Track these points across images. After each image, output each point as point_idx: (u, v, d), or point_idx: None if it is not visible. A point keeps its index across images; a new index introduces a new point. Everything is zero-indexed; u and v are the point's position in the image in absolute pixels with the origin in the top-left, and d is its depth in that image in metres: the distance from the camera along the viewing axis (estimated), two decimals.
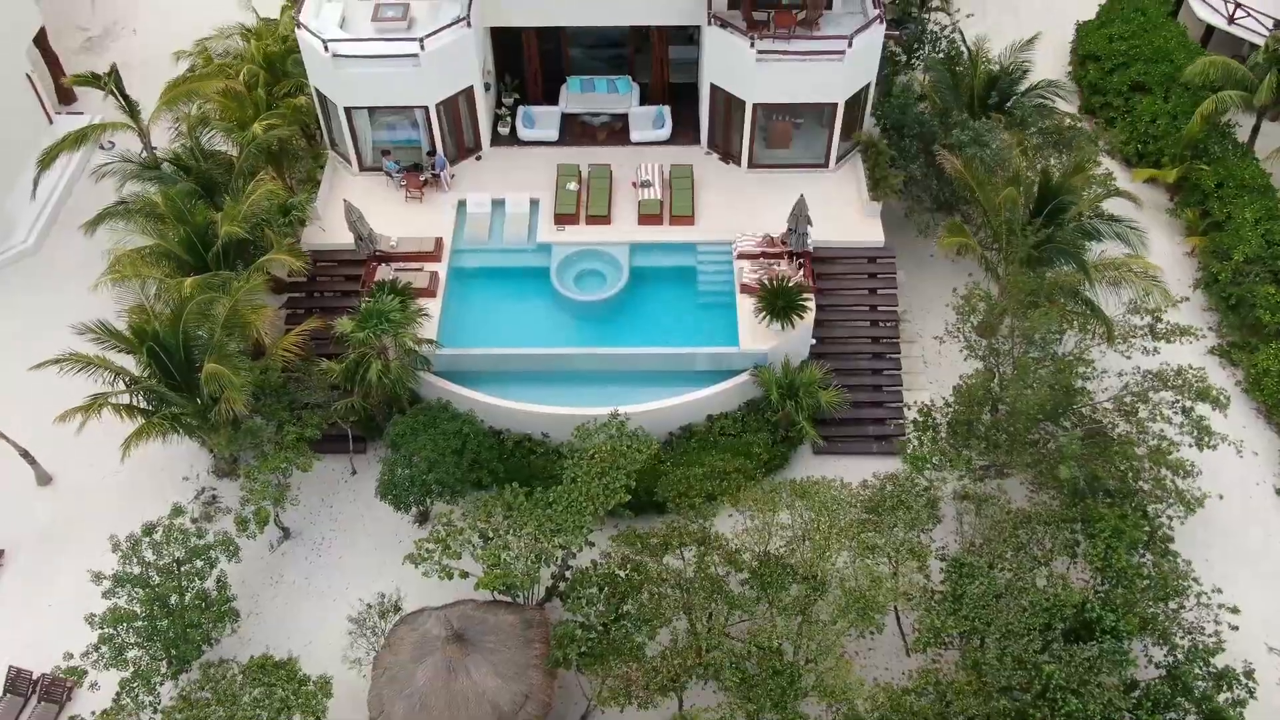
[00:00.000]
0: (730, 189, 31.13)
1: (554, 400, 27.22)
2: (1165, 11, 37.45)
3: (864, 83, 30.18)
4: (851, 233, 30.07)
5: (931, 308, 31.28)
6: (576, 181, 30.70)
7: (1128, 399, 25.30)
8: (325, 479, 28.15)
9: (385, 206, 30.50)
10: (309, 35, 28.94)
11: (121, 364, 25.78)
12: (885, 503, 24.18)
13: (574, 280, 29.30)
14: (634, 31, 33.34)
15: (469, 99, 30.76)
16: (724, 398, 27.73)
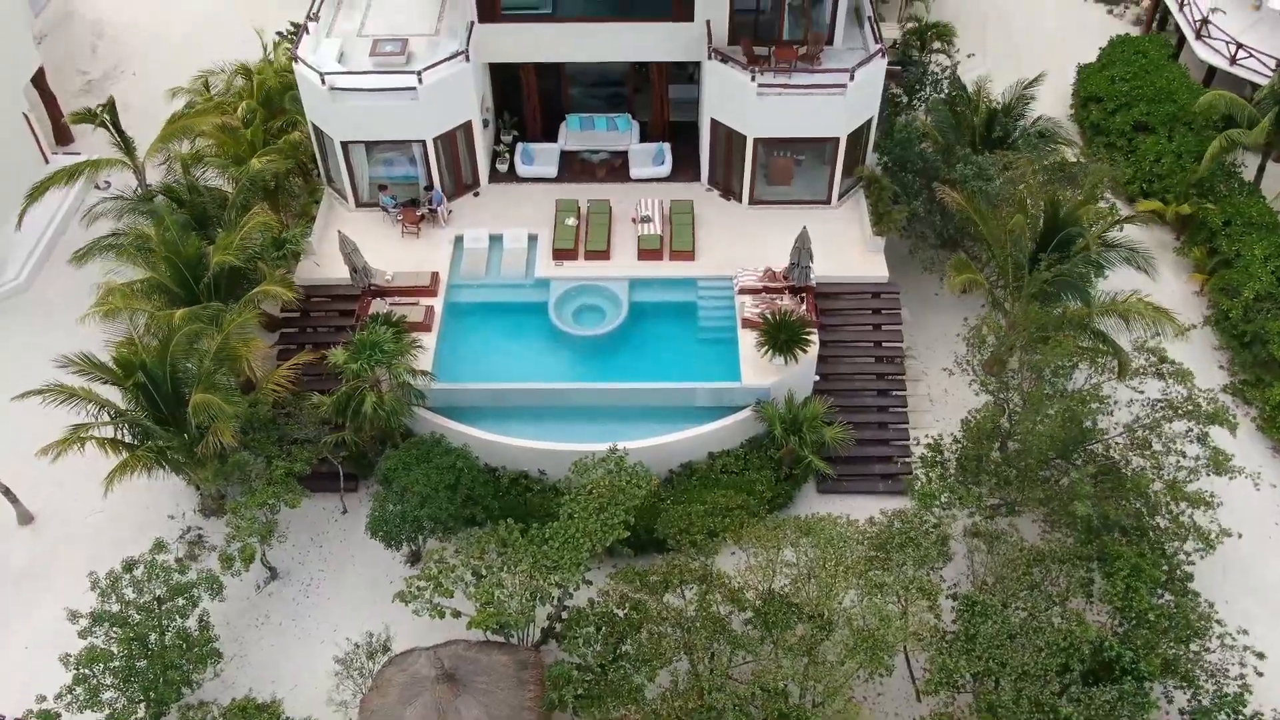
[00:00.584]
0: (731, 225, 30.72)
1: (551, 437, 26.50)
2: (1166, 54, 37.38)
3: (866, 118, 29.91)
4: (855, 268, 29.60)
5: (937, 345, 30.70)
6: (575, 217, 30.30)
7: (1140, 432, 24.58)
8: (315, 518, 27.32)
9: (381, 242, 30.05)
10: (306, 69, 28.72)
11: (107, 397, 25.10)
12: (893, 539, 23.36)
13: (572, 316, 28.73)
14: (634, 70, 33.25)
15: (467, 134, 30.47)
16: (725, 434, 27.00)
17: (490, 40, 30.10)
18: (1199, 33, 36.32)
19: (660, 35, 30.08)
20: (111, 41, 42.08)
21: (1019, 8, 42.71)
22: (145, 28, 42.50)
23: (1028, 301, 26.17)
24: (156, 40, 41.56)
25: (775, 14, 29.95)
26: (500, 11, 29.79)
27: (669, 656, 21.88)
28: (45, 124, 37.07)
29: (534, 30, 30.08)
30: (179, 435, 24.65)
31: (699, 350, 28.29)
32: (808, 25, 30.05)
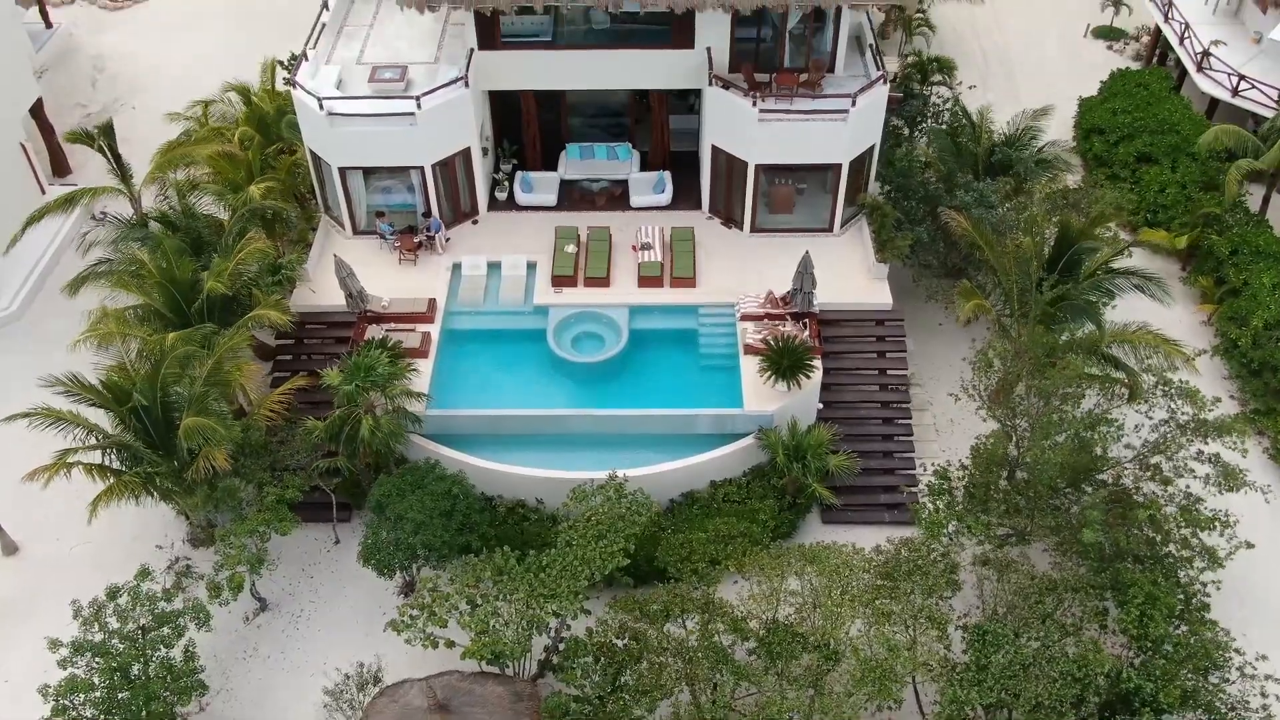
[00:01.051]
0: (733, 252, 30.37)
1: (549, 465, 25.91)
2: (1168, 87, 37.34)
3: (868, 144, 29.67)
4: (858, 295, 29.19)
5: (942, 376, 30.20)
6: (575, 244, 29.95)
7: (1151, 457, 23.99)
8: (306, 548, 26.65)
9: (378, 269, 29.68)
10: (304, 95, 28.53)
11: (95, 422, 24.54)
12: (901, 567, 22.70)
13: (571, 343, 28.27)
14: (634, 101, 33.12)
15: (466, 161, 30.23)
16: (728, 462, 26.41)
17: (490, 68, 29.94)
18: (1200, 65, 36.29)
19: (661, 63, 29.91)
20: (112, 77, 42.09)
21: (1018, 44, 42.80)
22: (146, 63, 42.54)
23: (1034, 324, 25.70)
24: (157, 74, 41.56)
25: (776, 42, 29.83)
26: (500, 39, 29.65)
27: (670, 688, 21.15)
28: (43, 156, 36.90)
29: (534, 58, 29.93)
30: (168, 460, 24.07)
31: (700, 377, 27.80)
32: (809, 53, 29.92)
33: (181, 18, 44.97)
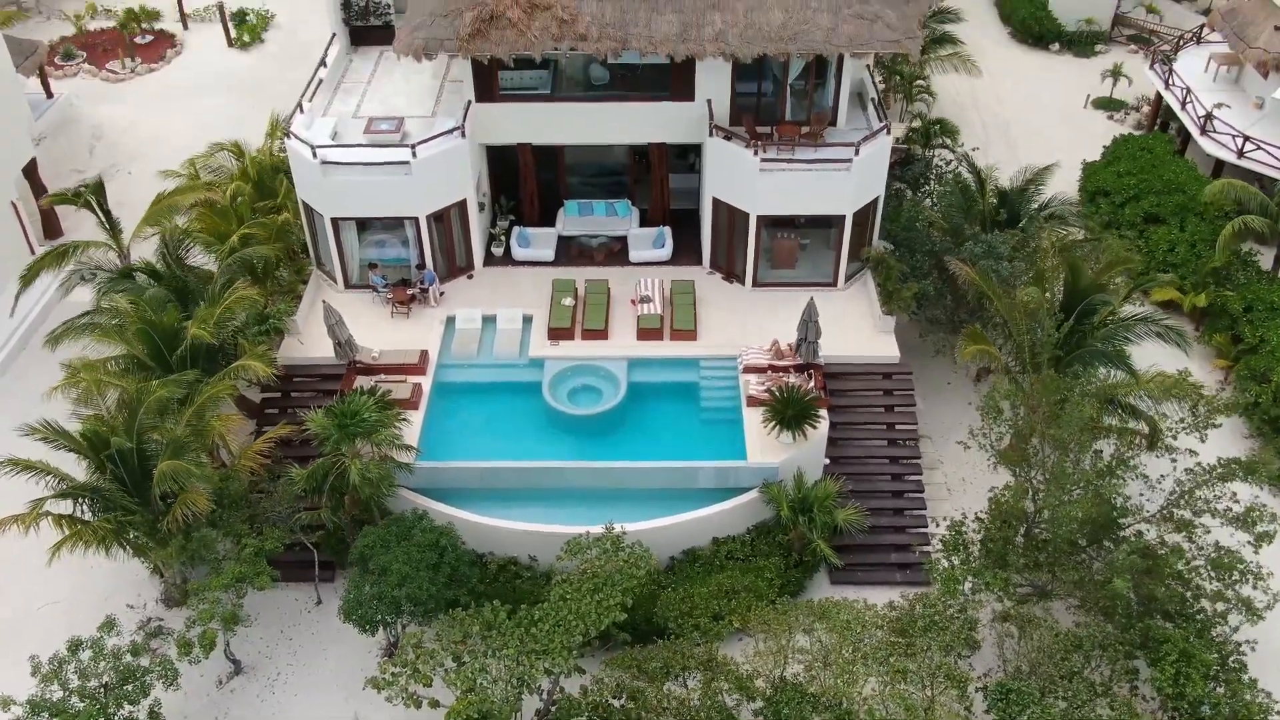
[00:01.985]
0: (734, 305, 29.58)
1: (543, 520, 24.67)
2: (1171, 150, 37.09)
3: (872, 196, 29.10)
4: (864, 348, 28.28)
5: (952, 434, 29.10)
6: (572, 297, 29.15)
7: (1177, 507, 22.78)
8: (286, 609, 25.26)
9: (370, 323, 28.80)
10: (298, 143, 28.07)
11: (69, 473, 23.40)
12: (916, 624, 21.32)
13: (568, 396, 27.26)
14: (633, 160, 32.68)
15: (462, 214, 29.64)
16: (730, 517, 25.16)
17: (488, 121, 29.57)
18: (1204, 128, 36.03)
19: (661, 116, 29.55)
20: (110, 145, 41.91)
21: (1018, 115, 42.72)
22: (146, 132, 42.40)
23: (1046, 368, 24.68)
24: (156, 143, 41.34)
25: (777, 96, 29.52)
26: (498, 91, 29.33)
27: None
28: (35, 217, 36.38)
29: (532, 111, 29.58)
30: (143, 509, 22.86)
31: (702, 431, 26.72)
32: (810, 107, 29.59)
33: (184, 90, 45.04)
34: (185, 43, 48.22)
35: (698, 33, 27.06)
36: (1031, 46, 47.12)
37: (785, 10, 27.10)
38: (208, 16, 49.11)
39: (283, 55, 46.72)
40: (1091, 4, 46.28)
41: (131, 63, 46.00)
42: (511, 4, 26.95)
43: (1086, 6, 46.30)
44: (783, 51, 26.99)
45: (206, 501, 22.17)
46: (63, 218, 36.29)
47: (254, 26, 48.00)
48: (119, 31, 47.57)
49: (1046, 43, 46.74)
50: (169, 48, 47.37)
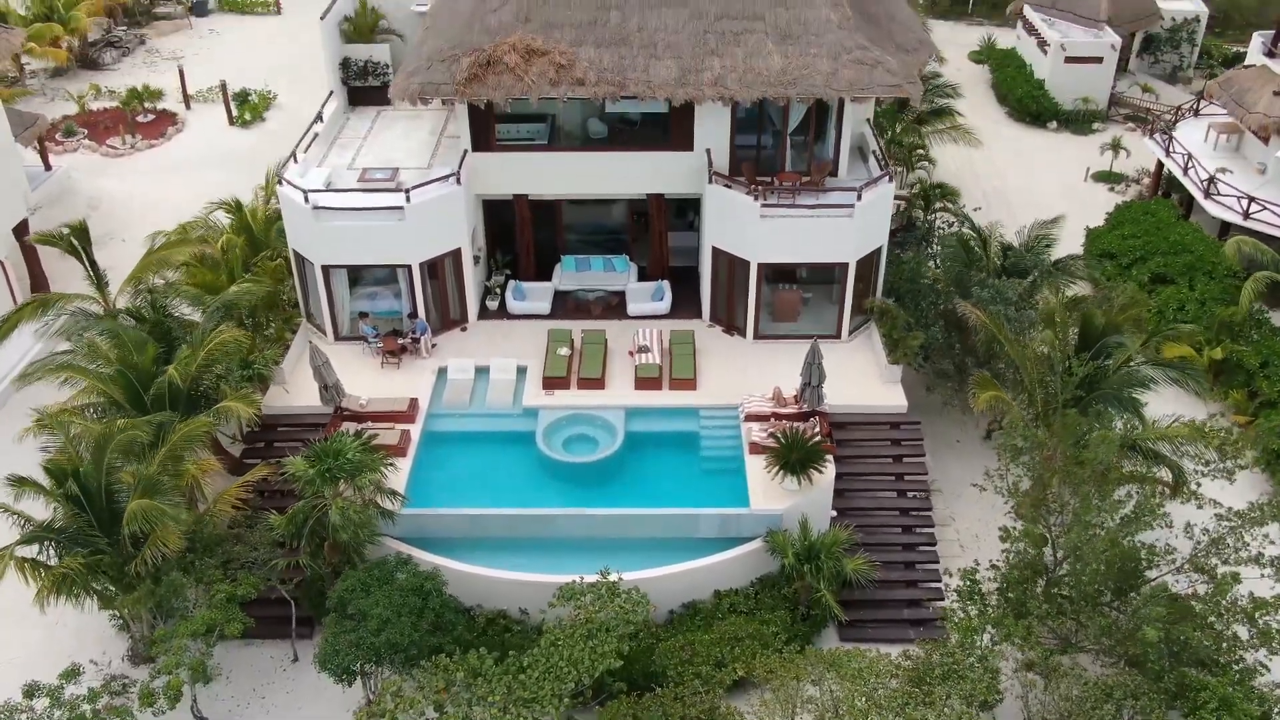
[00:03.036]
0: (735, 356, 28.72)
1: (535, 571, 23.32)
2: (1175, 215, 36.72)
3: (874, 245, 28.50)
4: (870, 398, 27.31)
5: (962, 491, 27.92)
6: (569, 347, 28.29)
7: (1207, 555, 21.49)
8: (260, 666, 23.69)
9: (358, 371, 27.88)
10: (290, 189, 27.59)
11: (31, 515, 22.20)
12: (934, 672, 19.84)
13: (563, 445, 26.16)
14: (631, 219, 32.21)
15: (456, 264, 28.98)
16: (733, 568, 23.80)
17: (484, 171, 29.17)
18: (1208, 192, 35.70)
19: (660, 166, 29.19)
20: (105, 214, 41.60)
21: (1018, 186, 42.54)
22: (142, 202, 42.13)
23: (1062, 409, 23.66)
24: (153, 211, 40.96)
25: (777, 148, 29.23)
26: (495, 141, 29.01)
27: None
28: (24, 281, 35.82)
29: (529, 161, 29.23)
30: (112, 550, 21.57)
31: (702, 481, 25.51)
32: (810, 159, 29.25)
33: (184, 164, 45.00)
34: (187, 121, 48.43)
35: (696, 77, 26.84)
36: (1029, 125, 47.29)
37: (785, 56, 26.93)
38: (211, 97, 49.43)
39: (283, 134, 46.72)
40: (1088, 84, 46.56)
41: (132, 139, 46.10)
42: (509, 50, 26.80)
43: (1083, 86, 46.58)
44: (782, 95, 26.71)
45: (179, 539, 20.89)
46: (51, 279, 35.67)
47: (256, 106, 48.28)
48: (121, 110, 47.86)
49: (1044, 121, 46.90)
50: (170, 125, 47.52)
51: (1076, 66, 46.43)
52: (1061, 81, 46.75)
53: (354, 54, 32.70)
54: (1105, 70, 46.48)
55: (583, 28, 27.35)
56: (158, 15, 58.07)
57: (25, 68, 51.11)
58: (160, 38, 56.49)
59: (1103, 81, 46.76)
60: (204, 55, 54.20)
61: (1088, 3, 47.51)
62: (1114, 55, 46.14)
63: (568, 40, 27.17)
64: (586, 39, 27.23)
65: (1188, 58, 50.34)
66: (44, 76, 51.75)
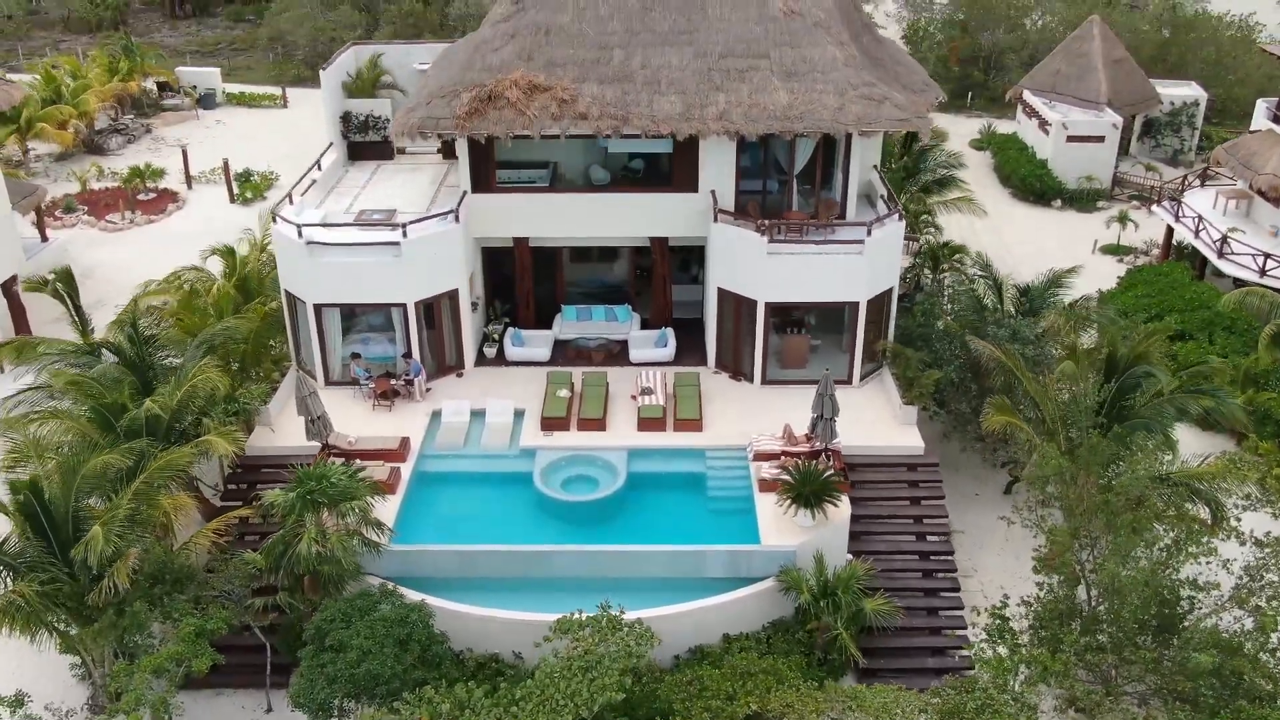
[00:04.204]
0: (742, 399, 27.53)
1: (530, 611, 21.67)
2: (1189, 276, 36.02)
3: (886, 285, 27.60)
4: (885, 439, 26.01)
5: (984, 545, 26.43)
6: (569, 389, 27.12)
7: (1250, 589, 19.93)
8: (231, 717, 21.79)
9: (350, 417, 26.58)
10: (284, 225, 26.87)
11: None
12: (966, 707, 18.08)
13: (562, 486, 24.76)
14: (634, 272, 31.42)
15: (453, 307, 28.03)
16: (743, 609, 22.13)
17: (484, 213, 28.50)
18: (1221, 251, 35.06)
19: (663, 208, 28.52)
20: (99, 281, 40.93)
21: (1025, 257, 41.76)
22: (137, 273, 41.02)
23: (1088, 435, 22.35)
24: (145, 279, 40.39)
25: (783, 190, 28.67)
26: (495, 183, 28.45)
27: None
28: (8, 330, 35.00)
29: (530, 203, 28.59)
30: (72, 580, 20.02)
31: (708, 522, 24.02)
32: (817, 201, 28.64)
33: (182, 238, 44.49)
34: (188, 200, 48.30)
35: (701, 112, 26.40)
36: (1033, 204, 47.07)
37: (790, 92, 26.55)
38: (213, 179, 49.44)
39: None
40: (1091, 163, 46.49)
41: (131, 215, 45.83)
42: (510, 85, 26.44)
43: (1086, 165, 46.50)
44: (788, 130, 26.21)
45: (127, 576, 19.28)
46: (36, 328, 34.78)
47: (258, 185, 48.22)
48: (122, 188, 47.79)
49: (1048, 199, 46.69)
50: (171, 203, 47.32)
51: (1079, 146, 46.45)
52: (1064, 161, 46.70)
53: (355, 108, 32.47)
54: (1108, 149, 46.50)
55: (585, 66, 27.05)
56: (165, 107, 58.69)
57: (29, 151, 51.28)
58: (167, 127, 56.96)
59: (1106, 160, 46.72)
60: (209, 143, 54.49)
61: (1087, 86, 47.88)
62: (1116, 134, 46.23)
63: (570, 78, 26.84)
64: (589, 76, 26.90)
65: (1188, 141, 50.50)
66: (48, 160, 51.89)
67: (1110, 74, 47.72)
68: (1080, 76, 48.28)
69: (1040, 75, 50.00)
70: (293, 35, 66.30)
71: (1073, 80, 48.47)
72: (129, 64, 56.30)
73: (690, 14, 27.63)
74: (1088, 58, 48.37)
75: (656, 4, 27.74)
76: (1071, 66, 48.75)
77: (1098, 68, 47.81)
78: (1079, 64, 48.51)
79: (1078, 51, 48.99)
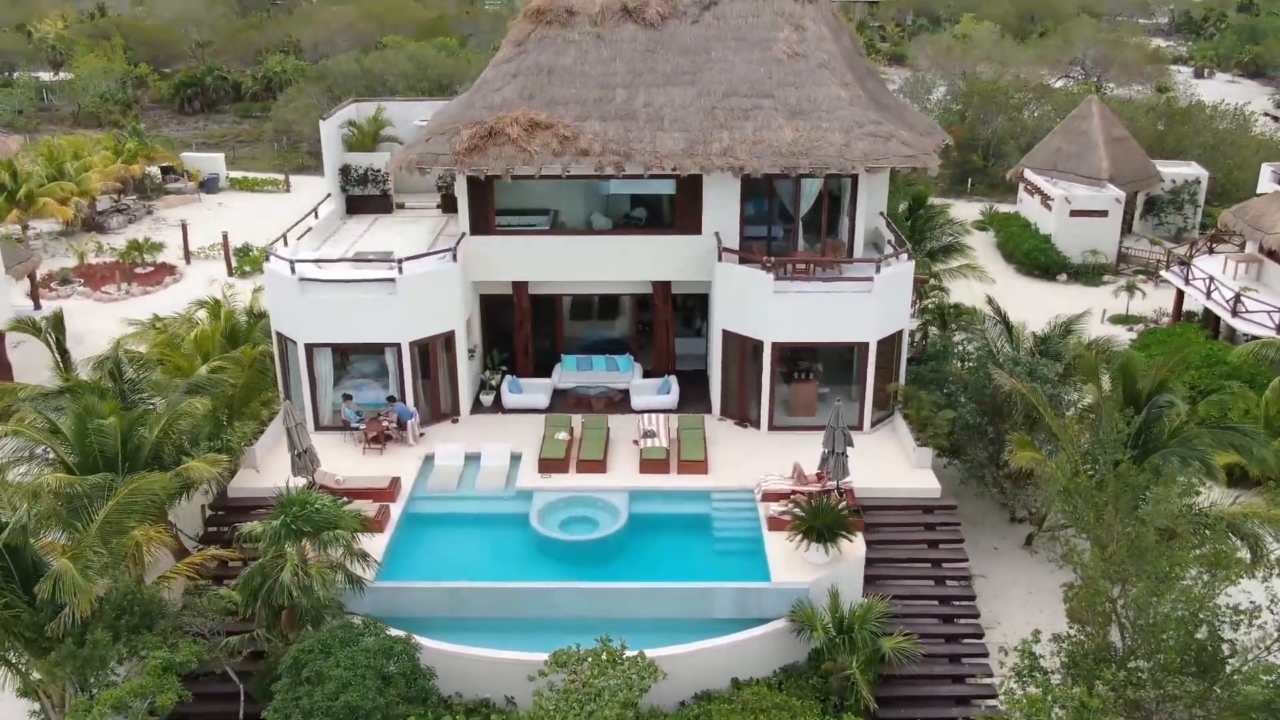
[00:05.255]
0: (749, 444, 26.40)
1: None
2: (1204, 336, 35.26)
3: (896, 327, 26.75)
4: (899, 481, 24.81)
5: (1008, 594, 25.05)
6: (568, 432, 26.03)
7: None
8: None
9: (340, 460, 25.41)
10: (277, 262, 26.20)
11: None
12: None
13: (560, 527, 23.46)
14: (635, 329, 30.61)
15: (449, 349, 27.14)
16: (753, 652, 20.64)
17: (483, 256, 27.85)
18: (1235, 310, 34.36)
19: (666, 251, 27.86)
20: (89, 347, 39.43)
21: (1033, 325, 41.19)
22: None
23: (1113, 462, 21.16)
24: None
25: (788, 234, 28.10)
26: (494, 225, 27.88)
27: None
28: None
29: (530, 246, 27.95)
30: (31, 610, 18.63)
31: (714, 562, 22.65)
32: (823, 247, 28.02)
33: (177, 308, 43.97)
34: (186, 274, 47.88)
35: (704, 148, 25.97)
36: (1038, 278, 46.62)
37: (796, 129, 26.18)
38: (212, 254, 49.16)
39: None
40: (1095, 237, 46.19)
41: (127, 286, 45.37)
42: (511, 122, 26.08)
43: (1090, 239, 46.19)
44: (794, 166, 25.73)
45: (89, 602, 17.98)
46: (17, 374, 33.87)
47: (257, 259, 47.80)
48: (119, 262, 47.43)
49: (1053, 274, 46.23)
50: (169, 275, 46.93)
51: (1083, 220, 46.26)
52: (1068, 235, 46.42)
53: (355, 161, 32.17)
54: (1112, 224, 46.30)
55: (588, 104, 26.76)
56: (168, 190, 58.89)
57: (29, 228, 51.13)
58: (168, 209, 57.01)
59: (1110, 235, 46.46)
60: (210, 223, 54.38)
61: (1088, 163, 47.93)
62: (1119, 208, 46.07)
63: (572, 116, 26.52)
64: (592, 114, 26.59)
65: (1191, 219, 50.34)
66: (47, 238, 51.70)
67: (1111, 151, 47.81)
68: (1081, 154, 48.38)
69: (1041, 154, 50.15)
70: (298, 125, 67.03)
71: (1073, 158, 48.56)
72: (134, 147, 56.67)
73: (694, 56, 27.47)
74: (1088, 135, 48.55)
75: (659, 47, 27.60)
76: (1072, 144, 48.91)
77: (1098, 145, 47.94)
78: (1079, 142, 48.67)
79: (1078, 130, 49.22)
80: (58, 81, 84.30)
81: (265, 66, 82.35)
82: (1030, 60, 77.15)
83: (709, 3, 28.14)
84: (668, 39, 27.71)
